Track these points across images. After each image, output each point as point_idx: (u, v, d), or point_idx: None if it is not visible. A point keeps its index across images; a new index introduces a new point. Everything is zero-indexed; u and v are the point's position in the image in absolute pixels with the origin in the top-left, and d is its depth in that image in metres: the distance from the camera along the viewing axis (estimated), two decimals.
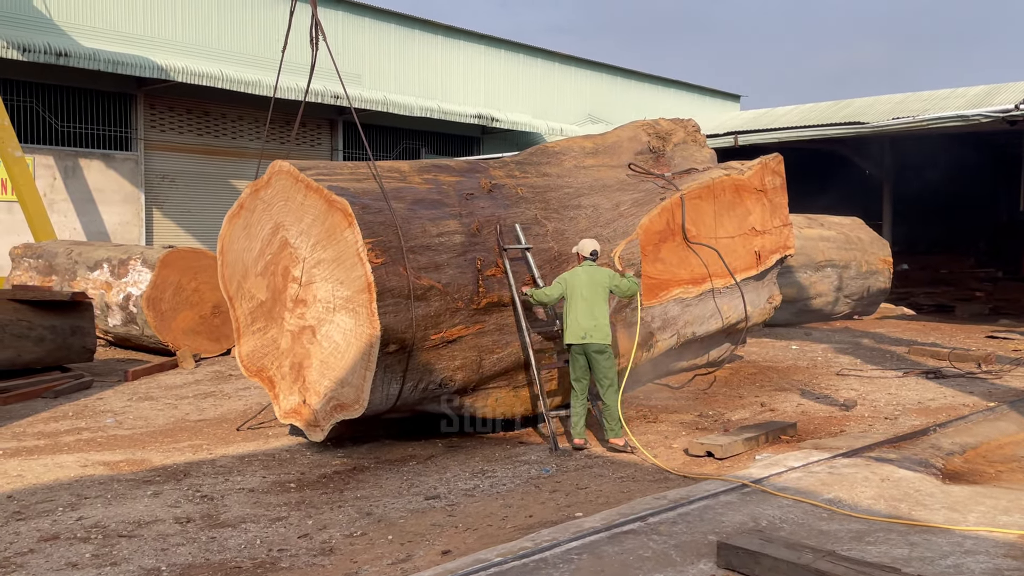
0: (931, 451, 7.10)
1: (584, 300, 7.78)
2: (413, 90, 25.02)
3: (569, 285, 7.85)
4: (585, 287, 7.81)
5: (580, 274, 7.89)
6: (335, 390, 7.47)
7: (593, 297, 7.82)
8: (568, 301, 7.83)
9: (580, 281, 7.84)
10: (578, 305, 7.77)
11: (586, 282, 7.83)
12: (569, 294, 7.82)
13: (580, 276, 7.88)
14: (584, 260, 8.01)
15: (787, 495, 5.79)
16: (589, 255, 8.01)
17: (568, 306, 7.83)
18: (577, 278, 7.87)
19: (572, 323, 7.78)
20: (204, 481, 6.71)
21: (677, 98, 33.33)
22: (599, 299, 7.85)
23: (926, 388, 10.05)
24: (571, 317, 7.78)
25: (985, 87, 24.93)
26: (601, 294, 7.86)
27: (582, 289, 7.81)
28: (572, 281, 7.86)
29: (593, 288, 7.83)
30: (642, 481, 6.52)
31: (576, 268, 8.00)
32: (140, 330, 12.96)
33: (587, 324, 7.74)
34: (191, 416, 9.42)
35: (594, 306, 7.81)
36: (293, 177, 7.67)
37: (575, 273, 7.92)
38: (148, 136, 20.56)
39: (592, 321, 7.76)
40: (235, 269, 8.38)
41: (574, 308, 7.78)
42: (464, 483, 6.64)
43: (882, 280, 19.25)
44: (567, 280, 7.89)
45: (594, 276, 7.89)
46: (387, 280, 7.20)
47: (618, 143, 10.46)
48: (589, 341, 7.74)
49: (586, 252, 8.03)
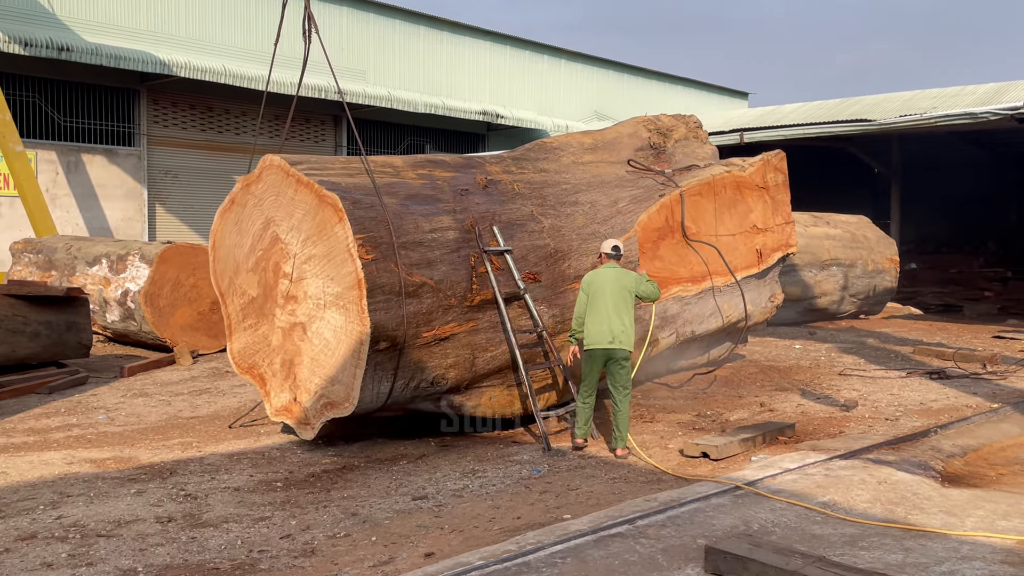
0: (931, 453, 6.96)
1: (611, 302, 7.47)
2: (418, 86, 24.92)
3: (593, 286, 7.55)
4: (611, 289, 7.50)
5: (605, 275, 7.60)
6: (325, 388, 7.36)
7: (620, 301, 7.51)
8: (591, 302, 7.51)
9: (605, 282, 7.54)
10: (605, 307, 7.46)
11: (612, 283, 7.53)
12: (592, 294, 7.51)
13: (605, 277, 7.58)
14: (607, 259, 7.75)
15: (780, 498, 5.66)
16: (611, 251, 7.74)
17: (591, 307, 7.50)
18: (601, 279, 7.57)
19: (598, 325, 7.43)
20: (190, 480, 6.62)
21: (684, 95, 33.13)
22: (626, 303, 7.55)
23: (929, 389, 9.90)
24: (596, 319, 7.45)
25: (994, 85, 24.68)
26: (628, 298, 7.56)
27: (608, 291, 7.49)
28: (596, 282, 7.56)
29: (620, 291, 7.53)
30: (634, 482, 6.40)
31: (600, 268, 7.73)
32: (138, 326, 12.89)
33: (616, 328, 7.44)
34: (184, 413, 9.33)
35: (622, 310, 7.51)
36: (284, 171, 7.56)
37: (598, 273, 7.65)
38: (151, 131, 20.52)
39: (620, 326, 7.47)
40: (226, 265, 8.28)
41: (600, 310, 7.45)
42: (453, 483, 6.53)
43: (888, 279, 19.06)
44: (591, 281, 7.60)
45: (621, 279, 7.60)
46: (378, 276, 7.09)
47: (618, 139, 10.32)
48: (617, 347, 7.44)
49: (608, 249, 7.76)
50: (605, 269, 7.69)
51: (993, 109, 17.79)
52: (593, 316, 7.51)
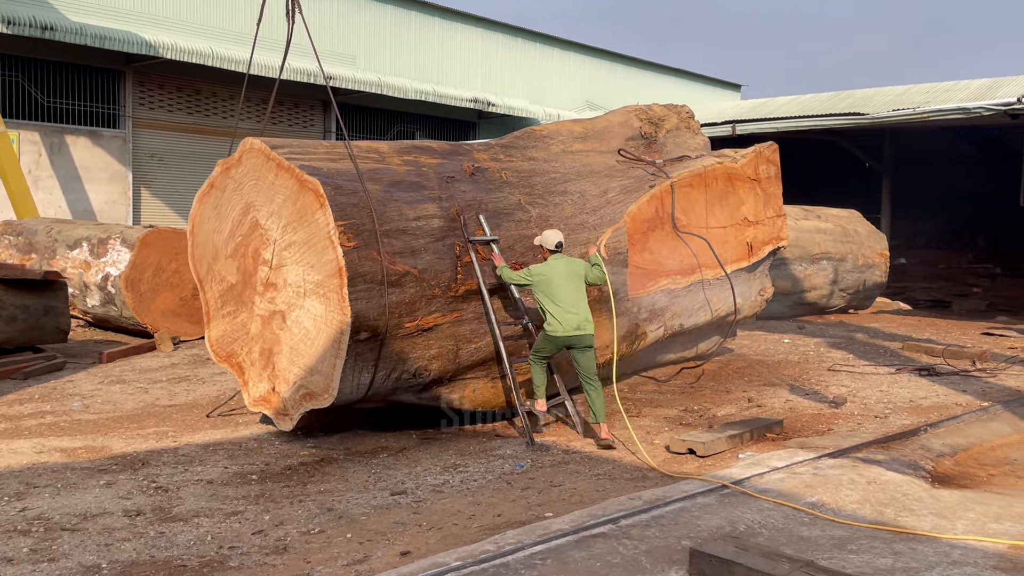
0: (921, 452, 6.83)
1: (568, 292, 7.48)
2: (408, 73, 24.65)
3: (544, 280, 7.50)
4: (566, 279, 7.51)
5: (556, 266, 7.57)
6: (304, 378, 7.19)
7: (576, 289, 7.57)
8: (546, 294, 7.47)
9: (558, 273, 7.51)
10: (563, 297, 7.45)
11: (565, 273, 7.54)
12: (546, 287, 7.48)
13: (557, 268, 7.55)
14: (551, 253, 7.69)
15: (768, 497, 5.52)
16: (555, 247, 7.69)
17: (548, 299, 7.48)
18: (553, 270, 7.54)
19: (560, 316, 7.44)
20: (162, 471, 6.44)
21: (677, 86, 32.94)
22: (581, 291, 7.62)
23: (919, 386, 9.78)
24: (557, 309, 7.44)
25: (987, 80, 24.60)
26: (582, 285, 7.62)
27: (563, 281, 7.49)
28: (548, 275, 7.51)
29: (574, 280, 7.58)
30: (619, 479, 6.25)
31: (549, 260, 7.66)
32: (119, 311, 12.68)
33: (580, 317, 7.49)
34: (161, 401, 9.14)
35: (579, 298, 7.57)
36: (264, 155, 7.37)
37: (549, 265, 7.59)
38: (136, 114, 20.21)
39: (584, 314, 7.53)
40: (205, 250, 8.09)
41: (558, 300, 7.45)
42: (434, 478, 6.37)
43: (878, 274, 18.98)
44: (542, 273, 7.53)
45: (572, 267, 7.62)
46: (359, 265, 6.91)
47: (608, 128, 10.15)
48: (583, 333, 7.48)
49: (551, 245, 7.70)
50: (554, 261, 7.66)
51: (986, 104, 17.68)
52: (553, 310, 7.47)
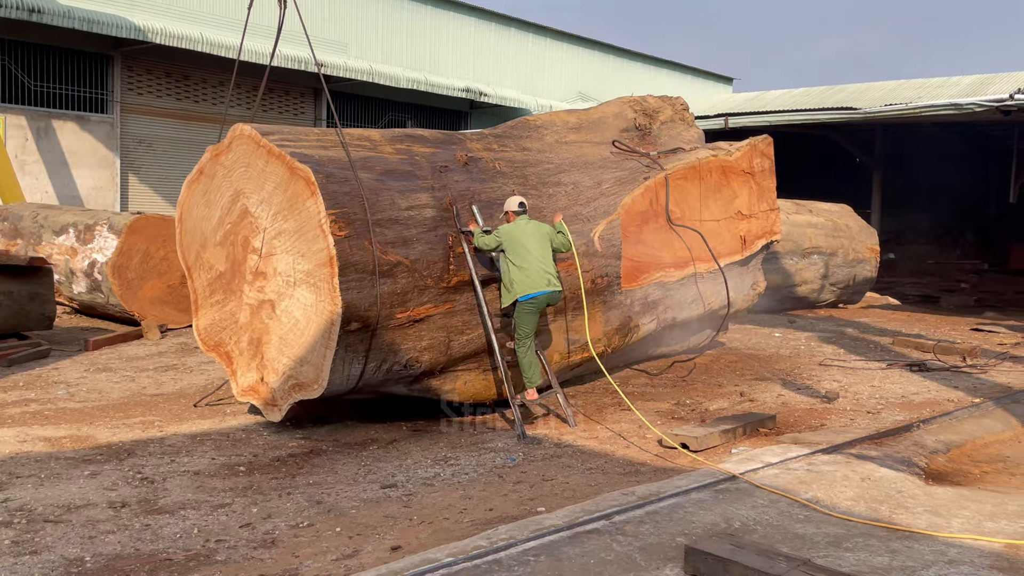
0: (914, 449, 6.79)
1: (536, 251, 7.61)
2: (400, 61, 24.47)
3: (512, 237, 7.60)
4: (533, 238, 7.63)
5: (524, 226, 7.70)
6: (294, 368, 7.10)
7: (543, 248, 7.69)
8: (514, 254, 7.57)
9: (526, 232, 7.64)
10: (530, 256, 7.57)
11: (533, 233, 7.67)
12: (513, 247, 7.57)
13: (524, 228, 7.68)
14: (517, 216, 7.78)
15: (763, 494, 5.47)
16: (518, 207, 7.82)
17: (515, 260, 7.56)
18: (521, 230, 7.66)
19: (529, 274, 7.53)
20: (148, 461, 6.34)
21: (669, 78, 32.83)
22: (548, 250, 7.74)
23: (910, 381, 9.76)
24: (525, 269, 7.54)
25: (979, 76, 24.61)
26: (548, 245, 7.76)
27: (530, 240, 7.61)
28: (515, 233, 7.63)
29: (541, 239, 7.70)
30: (611, 474, 6.19)
31: (516, 221, 7.76)
32: (105, 298, 12.53)
33: (550, 274, 7.63)
34: (148, 390, 9.03)
35: (547, 256, 7.70)
36: (255, 142, 7.25)
37: (517, 225, 7.71)
38: (125, 99, 19.98)
39: (552, 271, 7.68)
40: (194, 238, 7.97)
41: (526, 259, 7.55)
42: (424, 471, 6.29)
43: (868, 269, 18.99)
44: (509, 232, 7.64)
45: (538, 228, 7.78)
46: (351, 254, 6.81)
47: (603, 119, 10.07)
48: (554, 290, 7.63)
49: (514, 207, 7.83)
50: (521, 222, 7.75)
51: (978, 100, 17.71)
52: (524, 267, 7.56)
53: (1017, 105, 16.77)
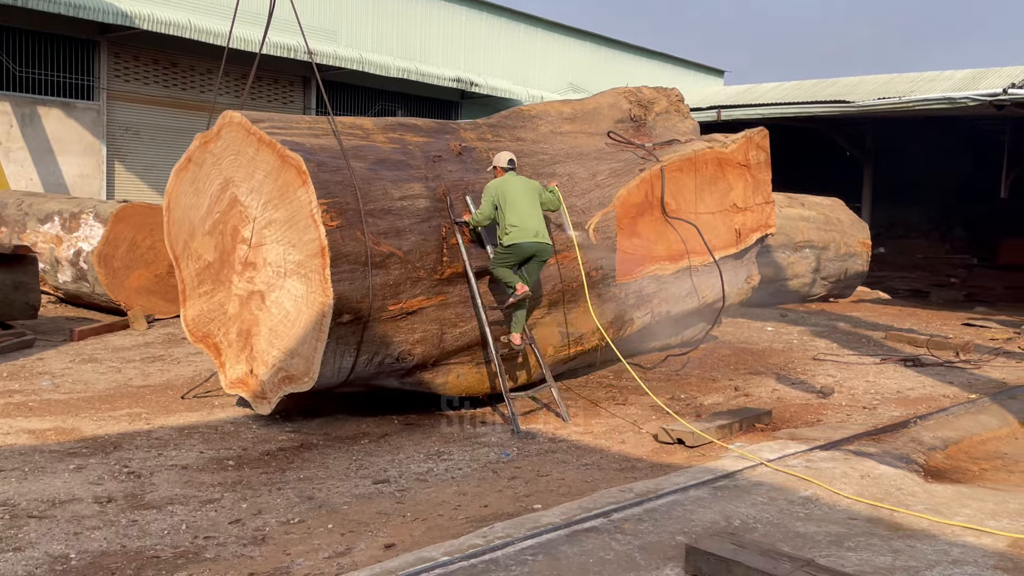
0: (912, 445, 6.73)
1: (525, 204, 7.61)
2: (391, 50, 24.27)
3: (502, 192, 7.59)
4: (522, 193, 7.65)
5: (512, 180, 7.72)
6: (284, 361, 6.97)
7: (532, 202, 7.70)
8: (506, 207, 7.56)
9: (514, 187, 7.65)
10: (520, 209, 7.57)
11: (521, 188, 7.68)
12: (504, 201, 7.57)
13: (513, 183, 7.69)
14: (505, 171, 7.80)
15: (762, 491, 5.38)
16: (507, 164, 7.83)
17: (506, 212, 7.55)
18: (510, 184, 7.67)
19: (519, 224, 7.52)
20: (135, 455, 6.21)
21: (660, 70, 32.70)
22: (537, 206, 7.74)
23: (905, 376, 9.71)
24: (515, 219, 7.53)
25: (971, 71, 24.57)
26: (537, 201, 7.76)
27: (519, 194, 7.62)
28: (505, 188, 7.62)
29: (530, 194, 7.71)
30: (607, 469, 6.09)
31: (505, 176, 7.76)
32: (91, 288, 12.36)
33: (537, 225, 7.62)
34: (135, 381, 8.88)
35: (536, 211, 7.70)
36: (245, 129, 7.11)
37: (506, 180, 7.71)
38: (111, 86, 19.72)
39: (540, 223, 7.67)
40: (182, 227, 7.82)
41: (516, 211, 7.55)
42: (417, 466, 6.18)
43: (860, 263, 18.97)
44: (498, 187, 7.63)
45: (527, 183, 7.80)
46: (343, 245, 6.69)
47: (598, 110, 9.95)
48: (543, 242, 7.61)
49: (503, 163, 7.84)
50: (511, 177, 7.78)
51: (971, 95, 17.65)
52: (515, 216, 7.54)
53: (1010, 99, 16.73)
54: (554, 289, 8.17)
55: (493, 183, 7.68)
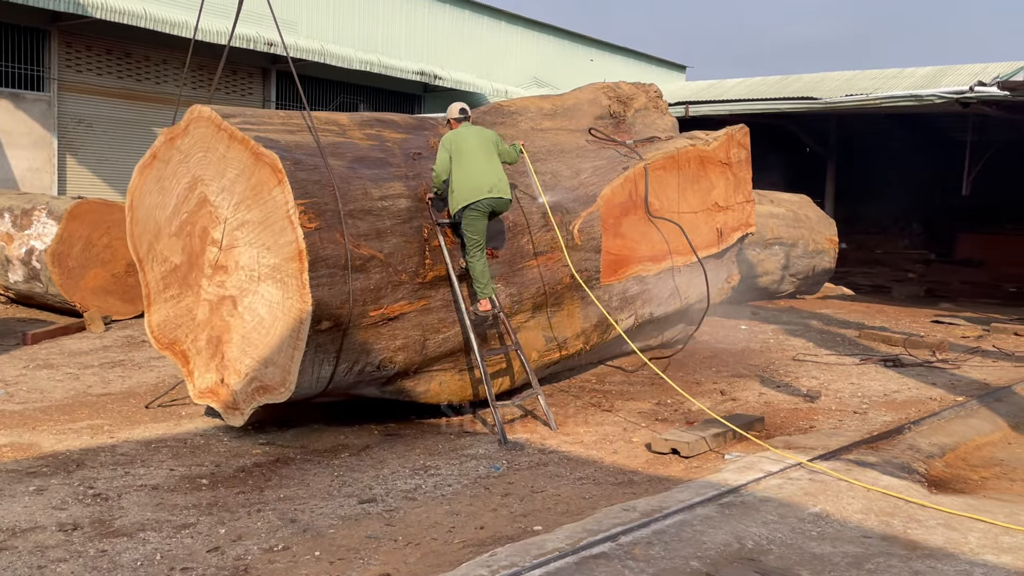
0: (910, 453, 6.55)
1: (480, 156, 7.32)
2: (352, 42, 23.76)
3: (455, 145, 7.29)
4: (476, 144, 7.35)
5: (464, 132, 7.42)
6: (258, 370, 6.59)
7: (488, 153, 7.40)
8: (459, 162, 7.25)
9: (467, 138, 7.35)
10: (474, 162, 7.26)
11: (475, 138, 7.39)
12: (458, 154, 7.26)
13: (465, 134, 7.40)
14: (457, 124, 7.57)
15: (770, 508, 5.15)
16: (460, 114, 7.62)
17: (459, 167, 7.24)
18: (462, 136, 7.36)
19: (471, 179, 7.19)
20: (100, 474, 5.80)
21: (623, 65, 32.58)
22: (493, 155, 7.44)
23: (888, 378, 9.58)
24: (467, 174, 7.21)
25: (933, 68, 24.78)
26: (494, 151, 7.46)
27: (473, 146, 7.32)
28: (458, 140, 7.32)
29: (485, 145, 7.42)
30: (604, 484, 5.82)
31: (458, 128, 7.50)
32: (44, 288, 11.81)
33: (492, 178, 7.28)
34: (94, 389, 8.43)
35: (492, 161, 7.39)
36: (215, 125, 6.70)
37: (458, 133, 7.41)
38: (62, 76, 19.00)
39: (496, 175, 7.33)
40: (146, 227, 7.39)
41: (469, 165, 7.24)
42: (404, 482, 5.85)
43: (827, 260, 18.96)
44: (452, 140, 7.32)
45: (481, 133, 7.50)
46: (321, 248, 6.33)
47: (577, 105, 9.68)
48: (498, 195, 7.27)
49: (455, 113, 7.64)
50: (464, 128, 7.51)
51: (938, 92, 17.65)
52: (468, 171, 7.24)
53: (977, 97, 16.76)
54: (538, 292, 7.88)
55: (447, 136, 7.41)
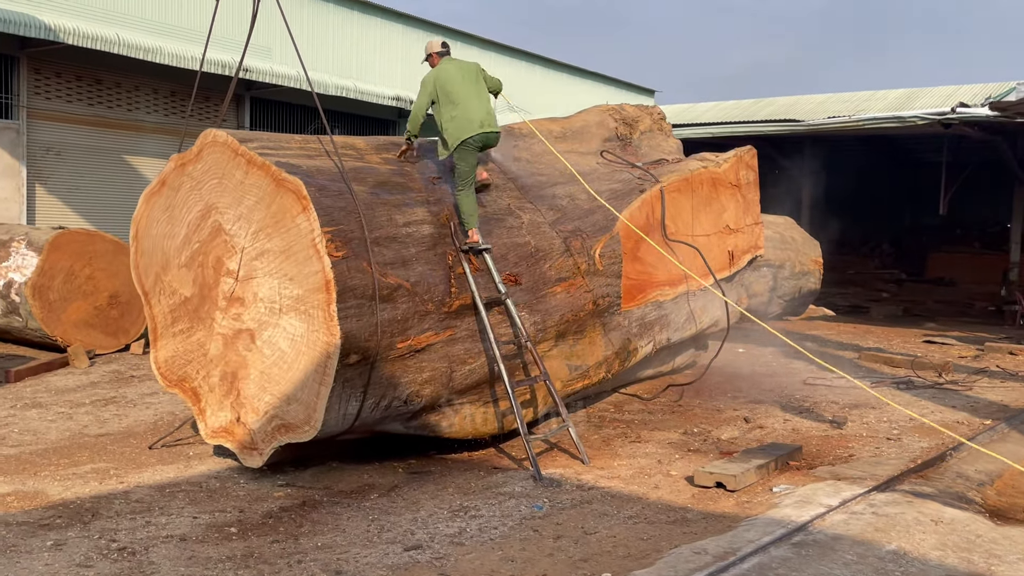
0: (961, 482, 6.36)
1: (470, 91, 7.14)
2: (327, 67, 23.44)
3: (440, 81, 7.10)
4: (462, 79, 7.16)
5: (448, 68, 7.23)
6: (279, 407, 6.21)
7: (477, 87, 7.23)
8: (449, 101, 7.09)
9: (451, 73, 7.15)
10: (465, 99, 7.08)
11: (460, 73, 7.19)
12: (446, 94, 7.08)
13: (449, 69, 7.21)
14: (439, 58, 7.39)
15: (845, 547, 4.89)
16: (442, 47, 7.48)
17: (451, 105, 7.09)
18: (446, 72, 7.17)
19: (461, 116, 7.03)
20: (120, 524, 5.37)
21: (594, 89, 32.59)
22: (482, 87, 7.26)
23: (906, 401, 9.40)
24: (460, 111, 7.05)
25: (904, 91, 25.09)
26: (481, 82, 7.28)
27: (460, 81, 7.13)
28: (442, 76, 7.14)
29: (472, 78, 7.24)
30: (657, 523, 5.52)
31: (441, 64, 7.31)
32: (23, 322, 11.27)
33: (482, 112, 7.11)
34: (91, 429, 7.96)
35: (481, 96, 7.22)
36: (231, 150, 6.36)
37: (442, 69, 7.22)
38: (31, 103, 18.41)
39: (485, 109, 7.17)
40: (153, 258, 6.99)
41: (462, 103, 7.06)
42: (446, 525, 5.50)
43: (813, 281, 18.96)
44: (436, 77, 7.14)
45: (464, 65, 7.31)
46: (349, 277, 5.99)
47: (585, 128, 9.47)
48: (489, 130, 7.12)
49: (438, 47, 7.50)
50: (445, 63, 7.33)
51: (921, 113, 17.82)
52: (460, 109, 7.09)
53: (959, 118, 16.91)
54: (561, 320, 7.60)
55: (429, 75, 7.21)
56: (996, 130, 17.64)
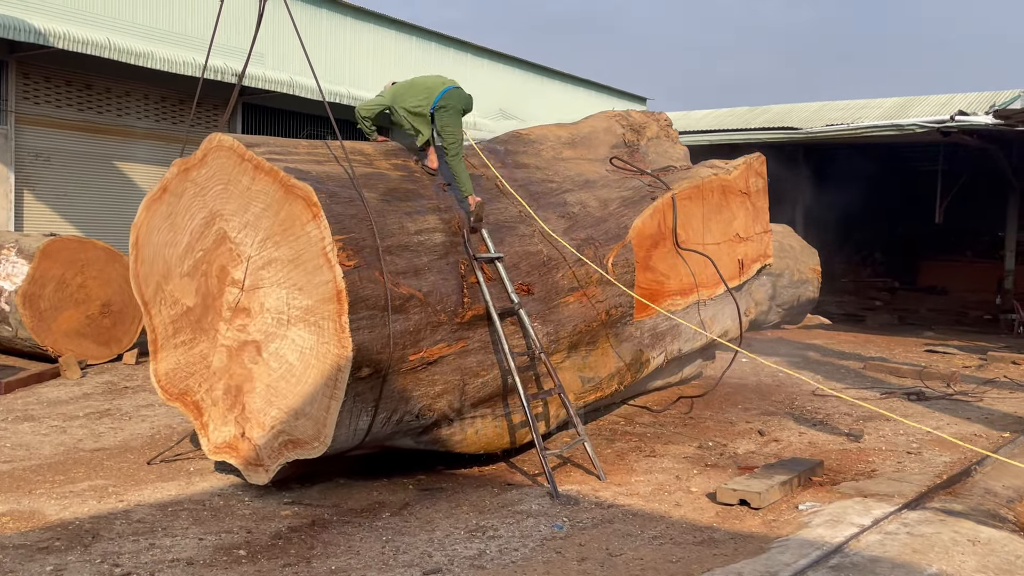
0: (991, 499, 6.17)
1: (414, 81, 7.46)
2: (321, 73, 23.15)
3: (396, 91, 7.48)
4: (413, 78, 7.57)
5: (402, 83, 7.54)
6: (287, 422, 5.97)
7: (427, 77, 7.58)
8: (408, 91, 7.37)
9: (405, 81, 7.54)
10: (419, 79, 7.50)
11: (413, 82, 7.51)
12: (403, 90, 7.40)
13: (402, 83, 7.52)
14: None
15: (884, 569, 4.69)
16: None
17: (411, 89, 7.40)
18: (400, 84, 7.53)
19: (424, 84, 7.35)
20: (122, 547, 5.12)
21: (587, 97, 32.46)
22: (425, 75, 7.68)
23: (920, 413, 9.26)
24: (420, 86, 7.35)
25: (900, 99, 25.08)
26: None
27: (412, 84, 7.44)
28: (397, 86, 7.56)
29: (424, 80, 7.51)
30: (683, 544, 5.31)
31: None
32: (13, 331, 10.98)
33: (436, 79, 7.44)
34: (86, 443, 7.69)
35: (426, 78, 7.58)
36: (237, 155, 6.12)
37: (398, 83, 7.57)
38: (20, 109, 18.10)
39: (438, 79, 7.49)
40: (153, 267, 6.75)
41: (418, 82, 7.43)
42: (464, 547, 5.27)
43: (811, 289, 18.86)
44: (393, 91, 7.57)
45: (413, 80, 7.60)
46: (361, 287, 5.76)
47: (593, 134, 9.28)
48: (450, 85, 7.32)
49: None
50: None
51: (920, 121, 17.76)
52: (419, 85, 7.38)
53: (958, 126, 16.83)
54: (574, 330, 7.39)
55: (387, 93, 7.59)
56: (993, 138, 17.58)
